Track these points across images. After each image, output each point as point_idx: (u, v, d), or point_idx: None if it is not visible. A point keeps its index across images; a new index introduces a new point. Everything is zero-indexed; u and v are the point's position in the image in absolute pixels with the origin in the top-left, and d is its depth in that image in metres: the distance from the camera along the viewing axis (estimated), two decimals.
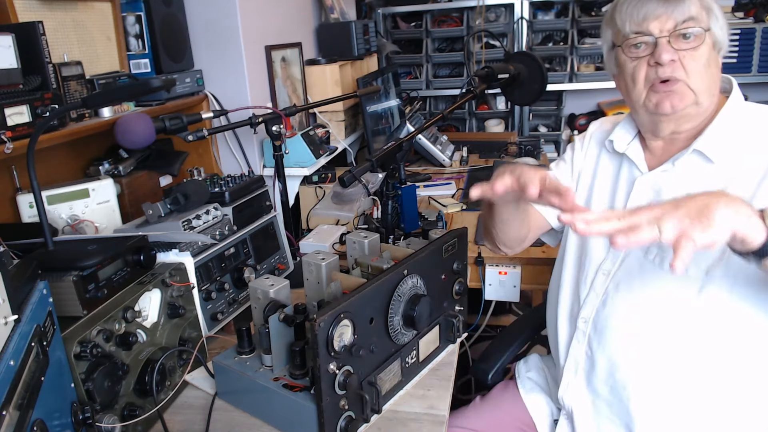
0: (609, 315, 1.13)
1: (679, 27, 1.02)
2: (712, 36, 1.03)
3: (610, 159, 1.22)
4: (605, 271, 1.15)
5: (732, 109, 1.07)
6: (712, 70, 1.04)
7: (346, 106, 2.39)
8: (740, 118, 1.07)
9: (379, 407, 0.99)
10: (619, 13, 1.07)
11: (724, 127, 1.06)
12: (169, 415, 1.06)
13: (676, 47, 1.03)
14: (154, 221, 1.26)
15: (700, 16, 1.02)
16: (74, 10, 1.47)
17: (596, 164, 1.24)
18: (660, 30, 1.03)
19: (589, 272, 1.18)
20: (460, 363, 1.22)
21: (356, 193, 1.60)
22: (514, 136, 3.06)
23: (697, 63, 1.03)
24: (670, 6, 1.02)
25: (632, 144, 1.17)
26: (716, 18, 1.04)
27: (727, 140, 1.05)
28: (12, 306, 0.70)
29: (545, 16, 3.85)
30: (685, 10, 1.02)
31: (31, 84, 1.24)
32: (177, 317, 1.12)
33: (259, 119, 1.51)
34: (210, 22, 1.87)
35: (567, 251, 1.25)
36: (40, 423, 0.70)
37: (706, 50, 1.03)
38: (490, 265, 1.67)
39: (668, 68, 1.03)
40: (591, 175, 1.24)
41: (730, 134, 1.05)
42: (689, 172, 1.07)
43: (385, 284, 0.99)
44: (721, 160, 1.04)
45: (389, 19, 4.02)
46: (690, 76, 1.03)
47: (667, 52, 1.03)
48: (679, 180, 1.08)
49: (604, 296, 1.14)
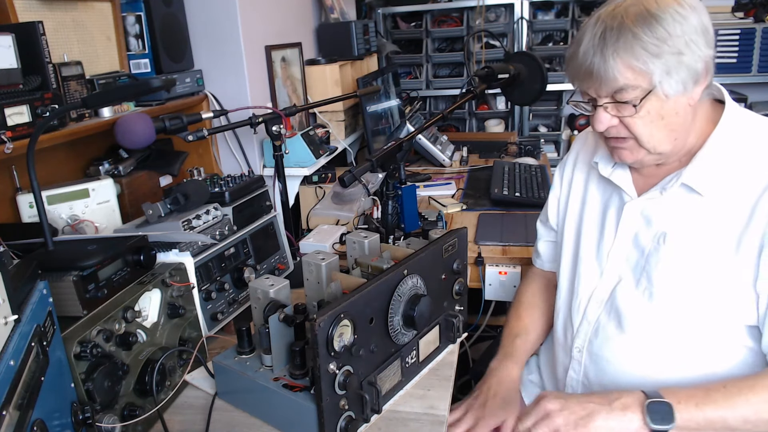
0: (602, 345, 1.13)
1: (614, 95, 0.96)
2: (663, 90, 0.93)
3: (598, 182, 1.17)
4: (597, 299, 1.14)
5: (722, 135, 1.00)
6: (669, 120, 0.97)
7: (346, 106, 2.39)
8: (732, 143, 1.00)
9: (379, 407, 0.99)
10: (567, 69, 1.02)
11: (713, 156, 1.00)
12: (169, 415, 1.06)
13: (614, 113, 0.98)
14: (154, 221, 1.26)
15: (636, 80, 0.93)
16: (74, 10, 1.47)
17: (585, 189, 1.21)
18: (598, 95, 0.98)
19: (582, 300, 1.16)
20: (460, 363, 1.22)
21: (356, 193, 1.60)
22: (514, 136, 3.06)
23: (641, 123, 0.97)
24: (596, 80, 0.96)
25: (618, 167, 1.12)
26: (668, 66, 0.92)
27: (716, 170, 0.99)
28: (12, 306, 0.70)
29: (545, 16, 3.85)
30: (613, 84, 0.94)
31: (31, 84, 1.24)
32: (177, 317, 1.12)
33: (259, 119, 1.51)
34: (210, 22, 1.87)
35: (561, 276, 1.24)
36: (40, 423, 0.70)
37: (653, 107, 0.95)
38: (490, 265, 1.67)
39: (611, 129, 1.00)
40: (580, 202, 1.22)
41: (720, 163, 0.99)
42: (678, 202, 1.03)
43: (385, 284, 0.99)
44: (711, 192, 1.00)
45: (389, 19, 4.02)
46: (636, 135, 0.98)
47: (600, 121, 0.98)
48: (668, 210, 1.04)
49: (596, 324, 1.14)
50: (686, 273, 1.01)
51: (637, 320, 1.08)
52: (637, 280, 1.08)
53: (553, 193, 1.30)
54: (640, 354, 1.08)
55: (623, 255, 1.10)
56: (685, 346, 1.04)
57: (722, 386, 0.94)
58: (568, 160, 1.28)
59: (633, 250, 1.09)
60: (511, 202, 2.05)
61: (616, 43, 0.91)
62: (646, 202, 1.08)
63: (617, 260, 1.11)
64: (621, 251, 1.11)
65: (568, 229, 1.23)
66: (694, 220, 1.01)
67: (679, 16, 0.90)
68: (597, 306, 1.14)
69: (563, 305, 1.23)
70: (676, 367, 1.05)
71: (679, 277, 1.02)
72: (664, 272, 1.03)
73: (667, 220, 1.04)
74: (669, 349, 1.05)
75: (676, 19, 0.90)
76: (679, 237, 1.02)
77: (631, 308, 1.08)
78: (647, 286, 1.06)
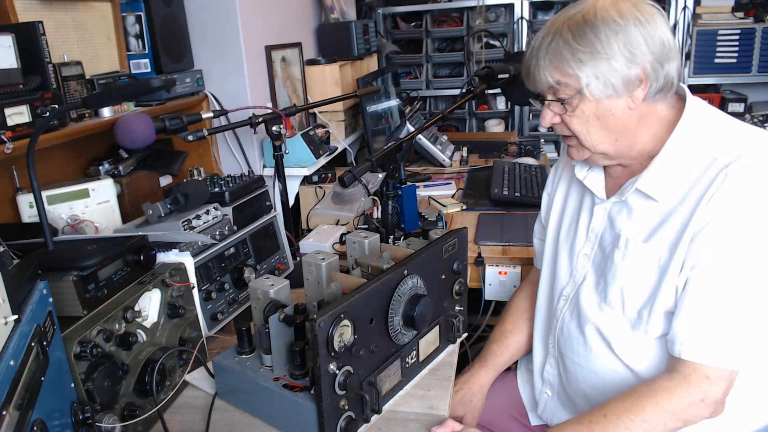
0: (566, 343, 1.18)
1: (553, 92, 1.02)
2: (590, 92, 0.98)
3: (577, 184, 1.21)
4: (565, 296, 1.19)
5: (679, 139, 1.01)
6: (605, 121, 1.00)
7: (346, 106, 2.39)
8: (688, 147, 1.00)
9: (379, 407, 0.99)
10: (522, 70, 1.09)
11: (668, 162, 1.01)
12: (169, 415, 1.06)
13: (555, 111, 1.04)
14: (154, 221, 1.26)
15: (565, 79, 0.99)
16: (74, 10, 1.47)
17: (568, 189, 1.25)
18: (543, 94, 1.05)
19: (556, 296, 1.21)
20: (460, 363, 1.22)
21: (356, 193, 1.60)
22: (514, 136, 3.06)
23: (578, 122, 1.02)
24: (533, 80, 1.04)
25: (592, 170, 1.15)
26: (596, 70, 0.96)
27: (671, 176, 1.01)
28: (12, 306, 0.70)
29: (545, 16, 3.85)
30: (543, 83, 1.02)
31: (31, 84, 1.24)
32: (177, 317, 1.12)
33: (259, 119, 1.51)
34: (210, 22, 1.87)
35: (542, 271, 1.28)
36: (40, 423, 0.70)
37: (587, 108, 1.00)
38: (490, 265, 1.66)
39: (556, 127, 1.06)
40: (563, 201, 1.26)
41: (675, 168, 1.00)
42: (636, 205, 1.06)
43: (385, 284, 0.99)
44: (665, 198, 1.01)
45: (389, 19, 4.02)
46: (575, 134, 1.04)
47: (544, 117, 1.06)
48: (628, 212, 1.08)
49: (562, 322, 1.19)
50: (633, 274, 1.04)
51: (592, 320, 1.11)
52: (596, 281, 1.12)
53: (545, 191, 1.33)
54: (593, 353, 1.12)
55: (590, 255, 1.14)
56: (632, 346, 1.07)
57: (602, 416, 0.99)
58: (560, 162, 1.31)
59: (598, 251, 1.13)
60: (511, 202, 2.05)
61: (548, 46, 0.99)
62: (612, 204, 1.11)
63: (585, 260, 1.15)
64: (588, 252, 1.15)
65: (550, 228, 1.27)
66: (647, 223, 1.04)
67: (616, 25, 0.95)
68: (564, 304, 1.19)
69: (543, 300, 1.28)
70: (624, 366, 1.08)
71: (627, 278, 1.05)
72: (615, 274, 1.07)
73: (624, 223, 1.08)
74: (618, 349, 1.08)
75: (611, 28, 0.95)
76: (632, 239, 1.05)
77: (589, 308, 1.12)
78: (603, 287, 1.10)
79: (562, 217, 1.24)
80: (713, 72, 3.30)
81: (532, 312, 1.32)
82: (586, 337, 1.12)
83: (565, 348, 1.18)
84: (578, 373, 1.16)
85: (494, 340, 1.35)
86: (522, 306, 1.37)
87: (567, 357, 1.18)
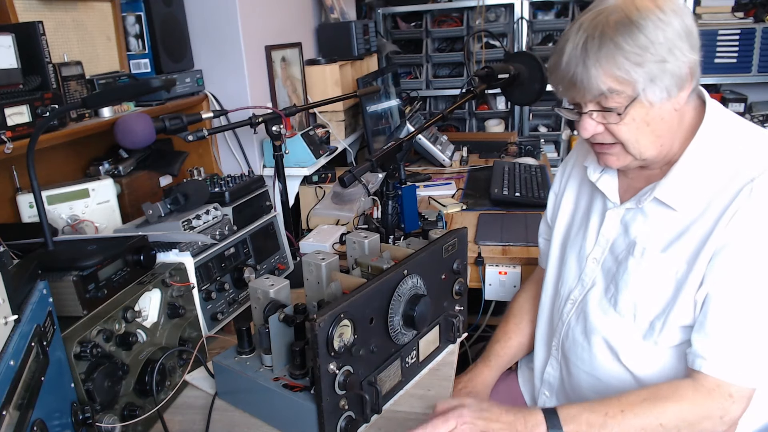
0: (570, 347, 1.17)
1: (599, 102, 0.95)
2: (647, 98, 0.92)
3: (588, 185, 1.18)
4: (572, 299, 1.17)
5: (699, 146, 0.99)
6: (654, 126, 0.96)
7: (346, 106, 2.39)
8: (708, 155, 0.98)
9: (379, 407, 0.99)
10: (551, 77, 1.01)
11: (688, 170, 0.99)
12: (169, 415, 1.06)
13: (599, 120, 0.97)
14: (154, 221, 1.26)
15: (620, 86, 0.91)
16: (74, 10, 1.47)
17: (578, 191, 1.22)
18: (584, 102, 0.97)
19: (562, 299, 1.20)
20: (460, 363, 1.22)
21: (356, 193, 1.59)
22: (514, 136, 3.06)
23: (627, 129, 0.96)
24: (579, 90, 0.95)
25: (606, 172, 1.12)
26: (651, 74, 0.90)
27: (690, 184, 0.98)
28: (12, 306, 0.70)
29: (545, 16, 3.85)
30: (595, 90, 0.92)
31: (31, 84, 1.24)
32: (177, 317, 1.12)
33: (259, 119, 1.51)
34: (210, 22, 1.87)
35: (547, 272, 1.27)
36: (40, 423, 0.70)
37: (638, 114, 0.94)
38: (490, 265, 1.66)
39: (597, 136, 0.99)
40: (572, 202, 1.23)
41: (695, 177, 0.98)
42: (652, 213, 1.04)
43: (385, 284, 0.99)
44: (683, 207, 0.99)
45: (389, 19, 4.02)
46: (623, 142, 0.98)
47: (586, 128, 0.98)
48: (643, 219, 1.05)
49: (568, 326, 1.17)
50: (648, 284, 1.02)
51: (598, 327, 1.10)
52: (606, 287, 1.10)
53: (552, 190, 1.32)
54: (598, 360, 1.11)
55: (600, 260, 1.12)
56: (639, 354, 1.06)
57: (620, 411, 0.95)
58: (569, 160, 1.29)
59: (609, 257, 1.11)
60: (511, 202, 2.05)
61: (598, 52, 0.90)
62: (625, 210, 1.09)
63: (594, 264, 1.13)
64: (598, 256, 1.13)
65: (558, 228, 1.25)
66: (665, 233, 1.01)
67: (661, 22, 0.88)
68: (571, 308, 1.17)
69: (547, 301, 1.26)
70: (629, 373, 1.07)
71: (641, 287, 1.03)
72: (629, 281, 1.05)
73: (640, 230, 1.05)
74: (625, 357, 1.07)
75: (658, 26, 0.88)
76: (649, 248, 1.03)
77: (596, 314, 1.11)
78: (614, 293, 1.08)
79: (571, 219, 1.22)
80: (713, 72, 3.30)
81: (535, 312, 1.31)
82: (592, 344, 1.11)
83: (569, 352, 1.17)
84: (581, 378, 1.15)
85: (497, 340, 1.34)
86: (525, 306, 1.36)
87: (571, 362, 1.17)
